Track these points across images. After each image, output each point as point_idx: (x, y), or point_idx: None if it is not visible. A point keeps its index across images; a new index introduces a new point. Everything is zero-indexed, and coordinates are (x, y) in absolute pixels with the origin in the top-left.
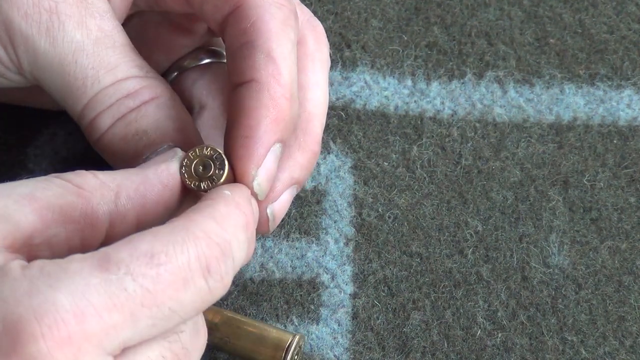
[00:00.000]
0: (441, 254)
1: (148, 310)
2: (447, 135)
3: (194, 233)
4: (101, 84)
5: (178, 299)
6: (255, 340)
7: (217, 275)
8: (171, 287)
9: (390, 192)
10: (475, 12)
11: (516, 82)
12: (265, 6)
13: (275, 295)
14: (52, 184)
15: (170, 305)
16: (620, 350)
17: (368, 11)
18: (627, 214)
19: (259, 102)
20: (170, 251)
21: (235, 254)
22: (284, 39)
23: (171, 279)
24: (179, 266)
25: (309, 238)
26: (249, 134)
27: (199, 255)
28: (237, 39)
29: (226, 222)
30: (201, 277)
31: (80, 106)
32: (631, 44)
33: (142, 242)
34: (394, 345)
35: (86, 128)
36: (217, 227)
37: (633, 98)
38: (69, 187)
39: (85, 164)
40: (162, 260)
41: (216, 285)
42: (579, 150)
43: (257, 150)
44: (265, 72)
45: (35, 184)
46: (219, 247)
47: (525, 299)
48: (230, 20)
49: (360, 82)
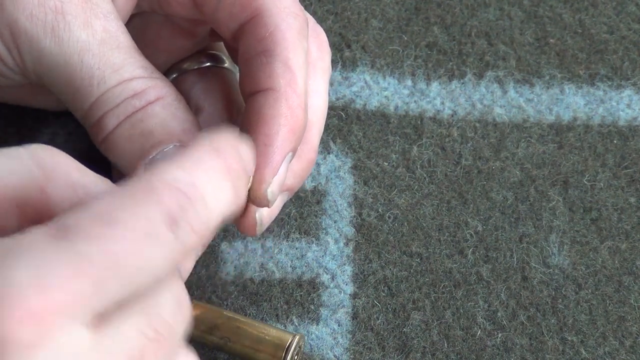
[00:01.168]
0: (441, 254)
1: (113, 272)
2: (447, 135)
3: (153, 184)
4: (107, 84)
5: (143, 255)
6: (255, 340)
7: (186, 224)
8: (133, 245)
9: (390, 192)
10: (475, 12)
11: (516, 82)
12: (282, 15)
13: (275, 295)
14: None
15: (136, 263)
16: (620, 350)
17: (368, 11)
18: (627, 214)
19: (277, 110)
20: (127, 206)
21: (208, 199)
22: (300, 49)
23: (132, 236)
24: (138, 221)
25: (309, 238)
26: (269, 142)
27: (161, 207)
28: (253, 47)
29: (196, 167)
30: (166, 229)
31: (87, 106)
32: (631, 44)
33: (98, 204)
34: (394, 345)
35: (91, 128)
36: (184, 173)
37: (633, 98)
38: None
39: (85, 164)
40: (120, 217)
41: (187, 235)
42: (579, 150)
43: (275, 159)
44: (284, 81)
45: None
46: (185, 194)
47: (525, 299)
48: (247, 29)
49: (360, 82)
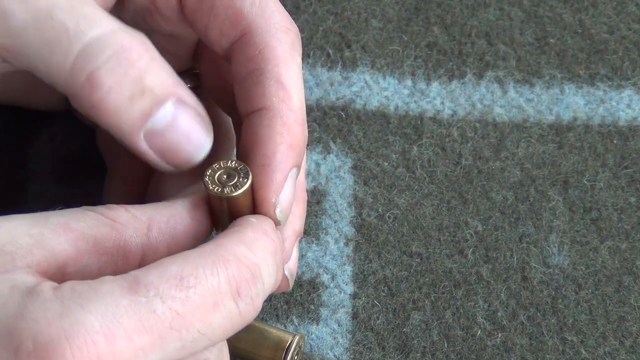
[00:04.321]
0: (441, 254)
1: (177, 333)
2: (447, 135)
3: (224, 256)
4: (86, 34)
5: (207, 321)
6: (255, 340)
7: (248, 298)
8: (200, 310)
9: (390, 192)
10: (475, 12)
11: (516, 82)
12: (272, 32)
13: (275, 295)
14: (85, 216)
15: (199, 328)
16: (620, 350)
17: (368, 11)
18: (627, 214)
19: (273, 129)
20: (199, 274)
21: (265, 277)
22: (292, 64)
23: (200, 302)
24: (208, 289)
25: (309, 238)
26: (267, 162)
27: (229, 278)
28: (244, 67)
29: (255, 246)
30: (231, 300)
31: (69, 62)
32: (631, 44)
33: (171, 265)
34: (394, 345)
35: (83, 87)
36: (247, 250)
37: (633, 98)
38: (102, 220)
39: (85, 164)
40: (192, 282)
41: (247, 308)
42: (579, 150)
43: (277, 178)
44: (277, 98)
45: (69, 214)
46: (249, 270)
47: (525, 299)
48: (237, 48)
49: (360, 82)
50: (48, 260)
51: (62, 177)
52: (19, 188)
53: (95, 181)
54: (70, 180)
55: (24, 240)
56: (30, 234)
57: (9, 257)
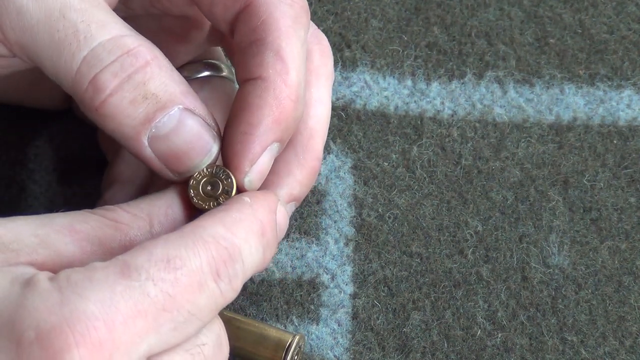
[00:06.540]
0: (441, 254)
1: (169, 314)
2: (447, 136)
3: (202, 237)
4: (95, 39)
5: (195, 302)
6: (255, 340)
7: (226, 278)
8: (188, 291)
9: (390, 192)
10: (475, 12)
11: (516, 82)
12: (275, 3)
13: (275, 295)
14: (89, 218)
15: (189, 309)
16: (620, 350)
17: (368, 11)
18: (627, 214)
19: (263, 100)
20: (183, 255)
21: (245, 258)
22: (294, 38)
23: (188, 283)
24: (193, 270)
25: (309, 238)
26: (248, 130)
27: (209, 259)
28: (246, 37)
29: (236, 227)
30: (212, 281)
31: (76, 64)
32: (631, 44)
33: (155, 248)
34: (394, 345)
35: (87, 90)
36: (226, 231)
37: (633, 98)
38: (105, 221)
39: (85, 164)
40: (178, 264)
41: (226, 288)
42: (579, 151)
43: (254, 149)
44: (273, 70)
45: (73, 216)
46: (227, 251)
47: (525, 299)
48: (241, 19)
49: (360, 82)
50: (53, 260)
51: (62, 176)
52: (19, 188)
53: (95, 181)
54: (70, 180)
55: (30, 240)
56: (36, 234)
57: (13, 254)
